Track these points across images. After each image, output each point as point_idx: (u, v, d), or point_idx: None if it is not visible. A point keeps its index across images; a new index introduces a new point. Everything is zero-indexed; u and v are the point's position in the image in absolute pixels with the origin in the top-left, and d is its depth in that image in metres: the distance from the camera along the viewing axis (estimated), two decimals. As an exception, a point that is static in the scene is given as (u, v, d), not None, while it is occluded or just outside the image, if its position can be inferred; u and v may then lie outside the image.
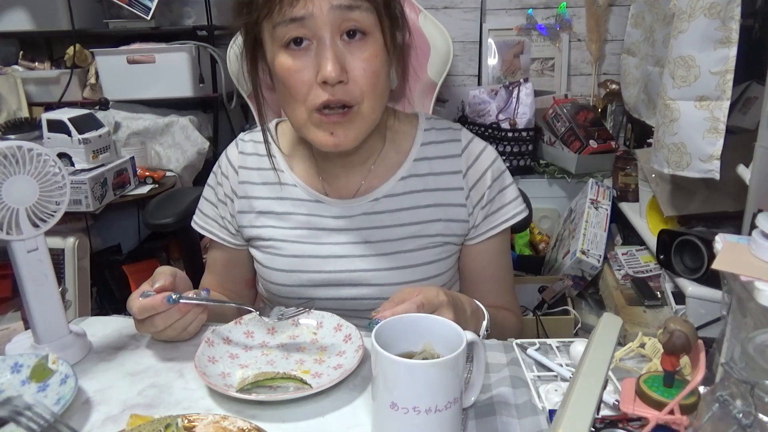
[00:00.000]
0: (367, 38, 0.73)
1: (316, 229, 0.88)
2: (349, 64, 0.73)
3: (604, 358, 0.49)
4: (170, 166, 2.08)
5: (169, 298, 0.72)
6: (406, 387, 0.53)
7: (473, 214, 0.88)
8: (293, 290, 0.89)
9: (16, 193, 0.66)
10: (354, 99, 0.74)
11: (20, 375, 0.68)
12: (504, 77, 2.36)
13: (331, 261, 0.87)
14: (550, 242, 2.15)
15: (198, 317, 0.77)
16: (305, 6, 0.70)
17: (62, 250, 1.75)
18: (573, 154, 2.03)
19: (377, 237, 0.87)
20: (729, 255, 0.65)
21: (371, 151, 0.88)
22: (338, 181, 0.89)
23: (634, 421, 0.53)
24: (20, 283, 0.71)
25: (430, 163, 0.89)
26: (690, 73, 1.21)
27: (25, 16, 2.08)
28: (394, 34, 0.79)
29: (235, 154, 0.93)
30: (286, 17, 0.71)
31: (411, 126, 0.91)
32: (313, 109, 0.74)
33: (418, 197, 0.88)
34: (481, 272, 0.92)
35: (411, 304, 0.65)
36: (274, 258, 0.89)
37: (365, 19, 0.72)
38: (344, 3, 0.70)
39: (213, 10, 2.08)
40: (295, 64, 0.73)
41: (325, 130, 0.76)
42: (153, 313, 0.72)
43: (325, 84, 0.72)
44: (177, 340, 0.78)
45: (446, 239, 0.88)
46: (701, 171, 1.23)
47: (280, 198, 0.90)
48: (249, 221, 0.91)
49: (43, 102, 2.13)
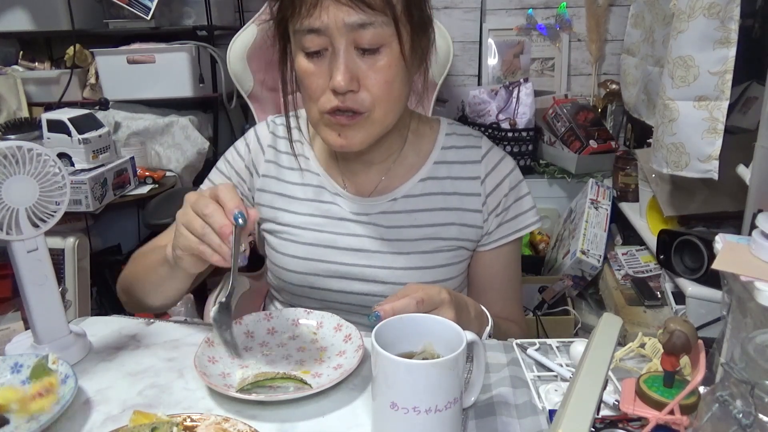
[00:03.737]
0: (382, 49, 0.73)
1: (334, 218, 0.89)
2: (362, 74, 0.74)
3: (604, 358, 0.49)
4: (170, 166, 2.08)
5: (237, 220, 0.62)
6: (406, 387, 0.53)
7: (488, 221, 0.89)
8: (305, 278, 0.89)
9: (16, 193, 0.66)
10: (364, 107, 0.75)
11: (20, 375, 0.68)
12: (504, 77, 2.36)
13: (346, 253, 0.87)
14: (550, 242, 2.15)
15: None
16: (320, 18, 0.71)
17: (62, 250, 1.75)
18: (573, 154, 2.03)
19: (393, 236, 0.87)
20: (729, 255, 0.65)
21: (390, 151, 0.89)
22: (357, 177, 0.90)
23: (634, 421, 0.53)
24: (20, 283, 0.71)
25: (449, 167, 0.89)
26: (689, 73, 1.21)
27: (25, 16, 2.08)
28: (415, 40, 0.78)
29: (265, 133, 0.95)
30: (304, 26, 0.72)
31: (432, 129, 0.92)
32: (324, 111, 0.76)
33: (435, 200, 0.88)
34: (490, 280, 0.93)
35: (411, 299, 0.65)
36: (289, 244, 0.90)
37: (381, 33, 0.72)
38: (357, 21, 0.70)
39: (213, 10, 2.08)
40: (312, 67, 0.75)
41: (333, 130, 0.78)
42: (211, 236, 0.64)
43: (336, 92, 0.73)
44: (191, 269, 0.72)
45: (460, 244, 0.89)
46: (700, 171, 1.23)
47: (304, 184, 0.91)
48: (268, 201, 0.92)
49: (43, 102, 2.13)
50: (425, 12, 0.78)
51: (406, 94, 0.81)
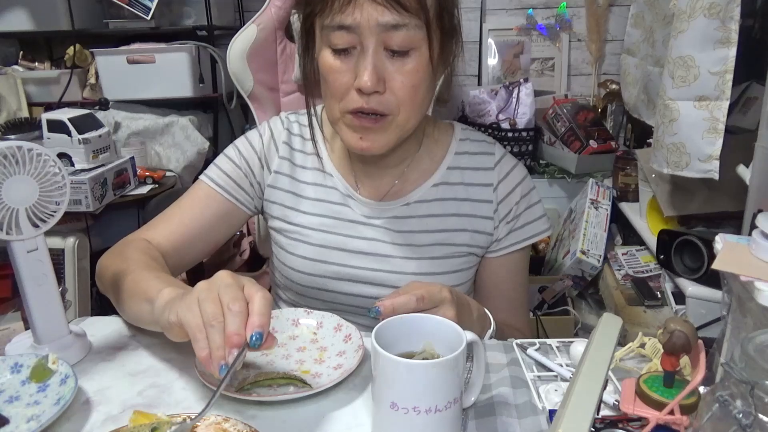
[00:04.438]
0: (411, 52, 0.73)
1: (345, 221, 0.88)
2: (389, 76, 0.73)
3: (604, 358, 0.49)
4: (170, 166, 2.08)
5: (252, 339, 0.54)
6: (406, 387, 0.53)
7: (498, 228, 0.89)
8: (314, 280, 0.88)
9: (16, 193, 0.66)
10: (388, 109, 0.74)
11: (20, 375, 0.68)
12: (504, 77, 2.36)
13: (357, 257, 0.87)
14: (550, 242, 2.15)
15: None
16: (353, 15, 0.70)
17: (62, 250, 1.75)
18: (573, 154, 2.03)
19: (405, 240, 0.87)
20: (729, 255, 0.65)
21: (405, 155, 0.88)
22: (371, 180, 0.89)
23: (634, 421, 0.53)
24: (20, 283, 0.71)
25: (462, 173, 0.89)
26: (689, 73, 1.21)
27: (25, 16, 2.08)
28: (444, 46, 0.77)
29: (279, 129, 0.93)
30: (335, 22, 0.71)
31: (447, 135, 0.92)
32: (346, 111, 0.75)
33: (448, 205, 0.88)
34: (497, 287, 0.92)
35: (411, 296, 0.65)
36: (298, 244, 0.89)
37: (412, 36, 0.71)
38: (391, 22, 0.70)
39: (213, 10, 2.08)
40: (337, 64, 0.74)
41: (355, 132, 0.76)
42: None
43: (361, 91, 0.72)
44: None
45: (470, 250, 0.88)
46: (700, 171, 1.23)
47: (316, 184, 0.90)
48: (279, 199, 0.91)
49: (43, 102, 2.14)
50: (455, 19, 0.78)
51: (429, 100, 0.80)
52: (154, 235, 0.87)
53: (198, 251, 0.92)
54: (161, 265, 0.79)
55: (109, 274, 0.81)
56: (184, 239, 0.88)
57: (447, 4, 0.75)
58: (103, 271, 0.85)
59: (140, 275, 0.74)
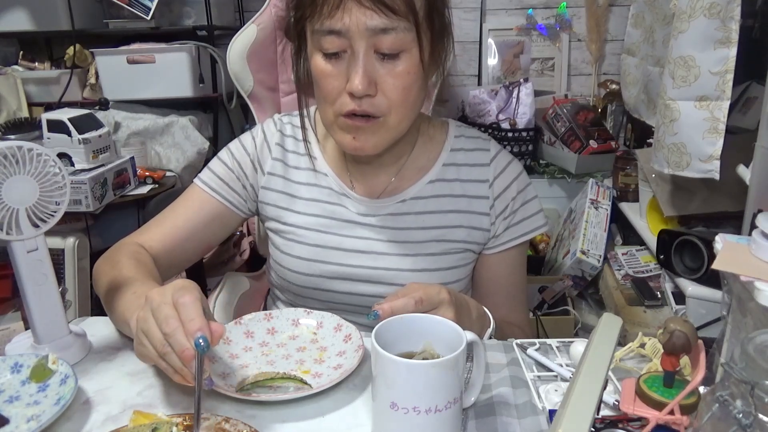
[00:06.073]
0: (402, 55, 0.73)
1: (341, 220, 0.88)
2: (380, 78, 0.73)
3: (604, 358, 0.49)
4: (170, 166, 2.08)
5: (199, 346, 0.56)
6: (406, 387, 0.53)
7: (495, 224, 0.89)
8: (310, 280, 0.89)
9: (16, 193, 0.66)
10: (380, 111, 0.75)
11: (20, 375, 0.68)
12: (504, 77, 2.36)
13: (353, 255, 0.87)
14: (550, 242, 2.15)
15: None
16: (342, 19, 0.70)
17: (62, 250, 1.75)
18: (573, 154, 2.03)
19: (401, 238, 0.87)
20: (729, 255, 0.65)
21: (401, 153, 0.89)
22: (366, 178, 0.89)
23: (634, 421, 0.53)
24: (20, 283, 0.71)
25: (458, 169, 0.89)
26: (690, 73, 1.21)
27: (25, 16, 2.08)
28: (435, 46, 0.77)
29: (272, 131, 0.94)
30: (325, 27, 0.72)
31: (442, 132, 0.92)
32: (339, 113, 0.75)
33: (444, 202, 0.88)
34: (495, 283, 0.93)
35: (409, 299, 0.65)
36: (294, 245, 0.89)
37: (402, 39, 0.72)
38: (380, 26, 0.70)
39: (213, 10, 2.08)
40: (329, 68, 0.74)
41: (348, 133, 0.77)
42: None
43: (353, 95, 0.73)
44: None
45: (467, 246, 0.89)
46: (701, 171, 1.23)
47: (309, 184, 0.91)
48: (273, 200, 0.91)
49: (43, 102, 2.13)
50: (445, 19, 0.78)
51: (422, 100, 0.81)
52: (147, 238, 0.89)
53: (191, 253, 0.93)
54: (149, 270, 0.80)
55: (101, 283, 0.83)
56: (176, 242, 0.89)
57: (437, 4, 0.75)
58: (97, 278, 0.86)
59: (121, 292, 0.74)
